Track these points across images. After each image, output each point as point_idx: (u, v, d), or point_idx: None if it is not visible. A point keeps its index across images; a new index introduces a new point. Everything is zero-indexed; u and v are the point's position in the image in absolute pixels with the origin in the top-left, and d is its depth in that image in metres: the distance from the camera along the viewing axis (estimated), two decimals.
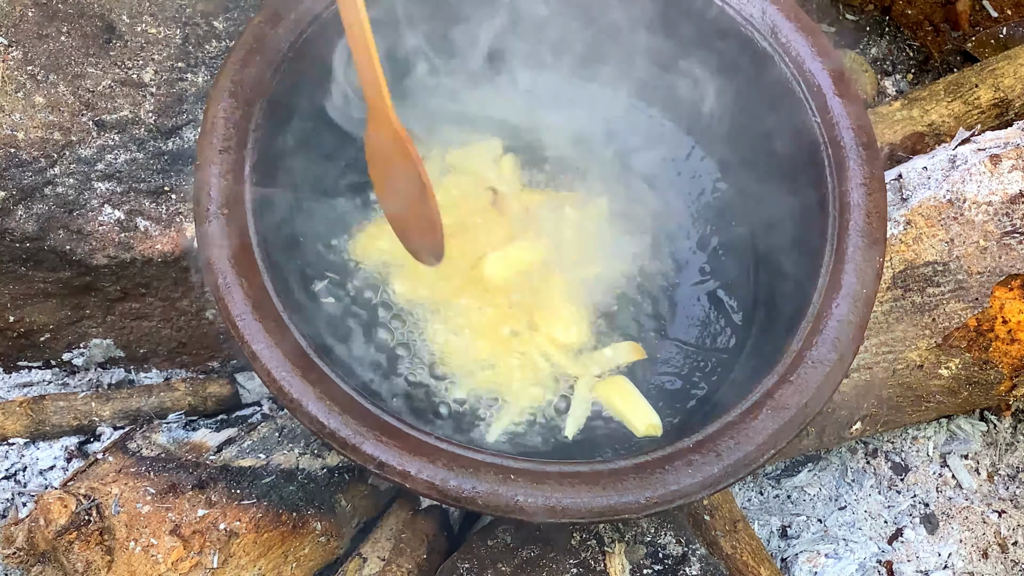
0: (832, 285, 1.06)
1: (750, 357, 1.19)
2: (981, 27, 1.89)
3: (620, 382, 1.18)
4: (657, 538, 1.16)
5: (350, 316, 1.18)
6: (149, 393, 1.34)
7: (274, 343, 0.96)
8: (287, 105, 1.13)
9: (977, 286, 1.28)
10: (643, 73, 1.33)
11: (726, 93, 1.27)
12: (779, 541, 1.44)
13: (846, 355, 1.03)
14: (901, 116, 1.54)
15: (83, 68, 1.25)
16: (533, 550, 1.12)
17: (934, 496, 1.48)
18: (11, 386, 1.38)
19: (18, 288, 1.27)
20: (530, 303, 1.20)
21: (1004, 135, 1.38)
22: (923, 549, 1.44)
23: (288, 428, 1.25)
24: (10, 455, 1.32)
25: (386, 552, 1.22)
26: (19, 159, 1.20)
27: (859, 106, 1.14)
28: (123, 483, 1.13)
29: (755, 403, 1.00)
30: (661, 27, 1.26)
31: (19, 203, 1.20)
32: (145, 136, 1.25)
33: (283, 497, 1.17)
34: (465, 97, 1.31)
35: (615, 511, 0.93)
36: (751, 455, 0.98)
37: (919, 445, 1.51)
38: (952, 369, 1.31)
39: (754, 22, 1.18)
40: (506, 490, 0.92)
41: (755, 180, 1.28)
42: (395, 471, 0.92)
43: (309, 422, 0.94)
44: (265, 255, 1.01)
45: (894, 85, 1.84)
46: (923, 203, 1.31)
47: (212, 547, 1.11)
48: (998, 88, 1.54)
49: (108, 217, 1.23)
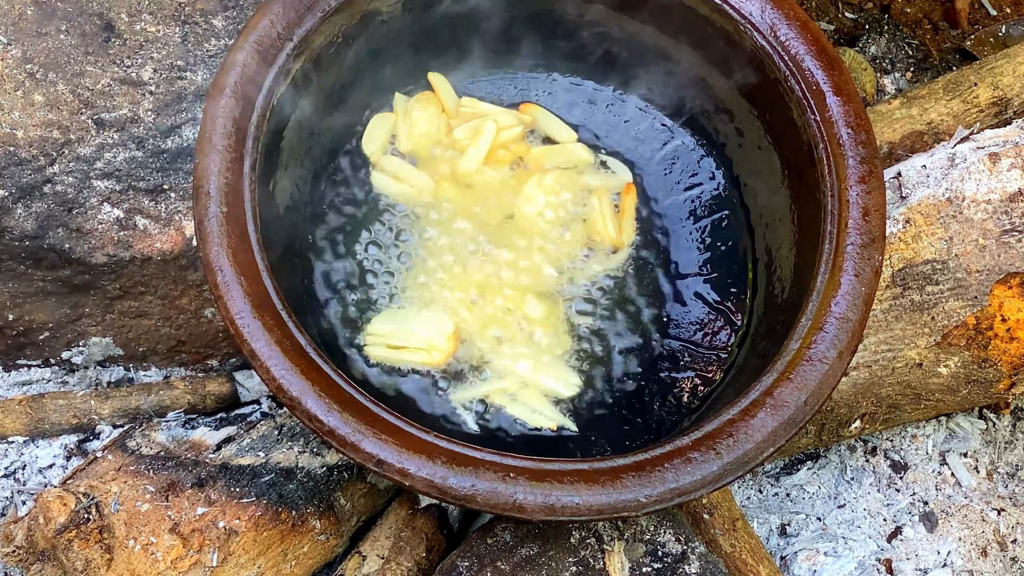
0: (831, 283, 1.06)
1: (749, 355, 1.19)
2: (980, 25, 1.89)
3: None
4: (656, 536, 1.16)
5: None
6: (148, 391, 1.34)
7: (273, 341, 0.96)
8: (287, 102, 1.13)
9: (976, 284, 1.28)
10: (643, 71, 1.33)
11: (725, 90, 1.27)
12: (778, 539, 1.44)
13: (845, 353, 1.03)
14: (900, 114, 1.54)
15: (82, 67, 1.25)
16: (532, 548, 1.12)
17: (933, 494, 1.48)
18: (10, 384, 1.38)
19: (17, 286, 1.27)
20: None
21: (1003, 133, 1.38)
22: (922, 547, 1.44)
23: (287, 426, 1.26)
24: (9, 453, 1.32)
25: (385, 550, 1.22)
26: (18, 157, 1.20)
27: (858, 104, 1.15)
28: (122, 481, 1.13)
29: (754, 401, 1.01)
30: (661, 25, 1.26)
31: (18, 201, 1.20)
32: (144, 134, 1.25)
33: (282, 495, 1.17)
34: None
35: (614, 509, 0.93)
36: (750, 453, 0.98)
37: (918, 443, 1.51)
38: (951, 367, 1.31)
39: (753, 20, 1.18)
40: (505, 488, 0.92)
41: (754, 177, 1.28)
42: (394, 469, 0.92)
43: (308, 420, 0.94)
44: (264, 253, 1.01)
45: (893, 83, 1.84)
46: (922, 201, 1.31)
47: (211, 545, 1.11)
48: (997, 87, 1.54)
49: (107, 215, 1.23)
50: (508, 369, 1.19)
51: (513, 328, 1.22)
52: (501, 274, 1.24)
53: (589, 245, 1.28)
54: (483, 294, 1.22)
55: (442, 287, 1.22)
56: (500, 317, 1.22)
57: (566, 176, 1.31)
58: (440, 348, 1.18)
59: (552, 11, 1.29)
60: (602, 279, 1.27)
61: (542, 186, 1.29)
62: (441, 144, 1.30)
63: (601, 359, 1.23)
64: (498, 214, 1.27)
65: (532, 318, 1.23)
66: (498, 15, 1.28)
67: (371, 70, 1.27)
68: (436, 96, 1.32)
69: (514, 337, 1.21)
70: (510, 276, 1.24)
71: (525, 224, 1.27)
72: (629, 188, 1.31)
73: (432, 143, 1.30)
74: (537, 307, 1.23)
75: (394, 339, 1.18)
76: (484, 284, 1.23)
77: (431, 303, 1.21)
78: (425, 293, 1.22)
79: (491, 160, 1.29)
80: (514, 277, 1.24)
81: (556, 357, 1.21)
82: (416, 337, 1.18)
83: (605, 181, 1.31)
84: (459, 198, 1.27)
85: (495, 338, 1.21)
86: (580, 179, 1.31)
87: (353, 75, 1.24)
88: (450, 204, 1.27)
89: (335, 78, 1.21)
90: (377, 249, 1.24)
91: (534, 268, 1.25)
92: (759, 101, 1.23)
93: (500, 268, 1.24)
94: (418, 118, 1.30)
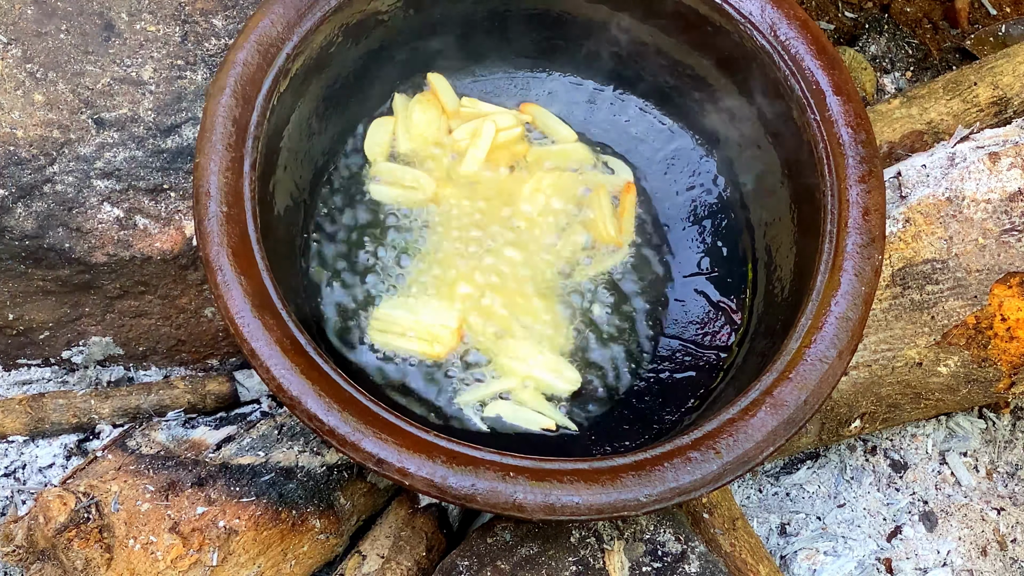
0: (831, 282, 1.06)
1: (749, 354, 1.19)
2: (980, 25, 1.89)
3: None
4: (656, 535, 1.16)
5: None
6: (148, 391, 1.34)
7: (273, 340, 0.96)
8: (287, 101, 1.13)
9: (976, 284, 1.28)
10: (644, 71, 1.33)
11: (725, 90, 1.27)
12: (778, 539, 1.44)
13: (845, 352, 1.03)
14: (900, 114, 1.54)
15: (82, 66, 1.25)
16: (532, 547, 1.12)
17: (933, 494, 1.48)
18: (10, 384, 1.38)
19: (17, 286, 1.27)
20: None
21: (1003, 133, 1.38)
22: (922, 547, 1.44)
23: (287, 426, 1.26)
24: (9, 453, 1.32)
25: (385, 549, 1.22)
26: (18, 157, 1.20)
27: (858, 104, 1.15)
28: (122, 481, 1.13)
29: (754, 400, 1.01)
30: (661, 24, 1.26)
31: (18, 201, 1.20)
32: (144, 134, 1.25)
33: (282, 495, 1.17)
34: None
35: (614, 508, 0.94)
36: (750, 452, 0.98)
37: (918, 443, 1.51)
38: (951, 367, 1.31)
39: (753, 19, 1.18)
40: (505, 488, 0.92)
41: (754, 177, 1.28)
42: (394, 468, 0.92)
43: (308, 419, 0.94)
44: (264, 253, 1.01)
45: (893, 83, 1.84)
46: (922, 201, 1.31)
47: (211, 545, 1.11)
48: (997, 86, 1.54)
49: (107, 215, 1.23)
50: (509, 368, 1.19)
51: (514, 327, 1.22)
52: (502, 273, 1.24)
53: (589, 244, 1.28)
54: (484, 293, 1.22)
55: (442, 285, 1.22)
56: (501, 316, 1.22)
57: (566, 176, 1.31)
58: (442, 341, 1.18)
59: (552, 10, 1.29)
60: (602, 278, 1.27)
61: (542, 186, 1.29)
62: (441, 145, 1.30)
63: (601, 358, 1.23)
64: (498, 214, 1.27)
65: (533, 317, 1.23)
66: (498, 15, 1.28)
67: (371, 70, 1.27)
68: (436, 96, 1.32)
69: (515, 336, 1.21)
70: (511, 275, 1.24)
71: (525, 223, 1.27)
72: (629, 187, 1.31)
73: (432, 144, 1.30)
74: (538, 306, 1.23)
75: (399, 325, 1.18)
76: (485, 283, 1.23)
77: (434, 298, 1.21)
78: (426, 291, 1.22)
79: (491, 160, 1.29)
80: (515, 276, 1.24)
81: (557, 355, 1.21)
82: (421, 325, 1.18)
83: (605, 180, 1.31)
84: (459, 198, 1.27)
85: (496, 336, 1.21)
86: (580, 179, 1.31)
87: (353, 75, 1.24)
88: (450, 204, 1.27)
89: (335, 78, 1.21)
90: (378, 248, 1.24)
91: (534, 267, 1.25)
92: (759, 101, 1.23)
93: (500, 267, 1.24)
94: (418, 119, 1.30)
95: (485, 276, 1.23)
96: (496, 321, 1.21)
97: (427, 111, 1.30)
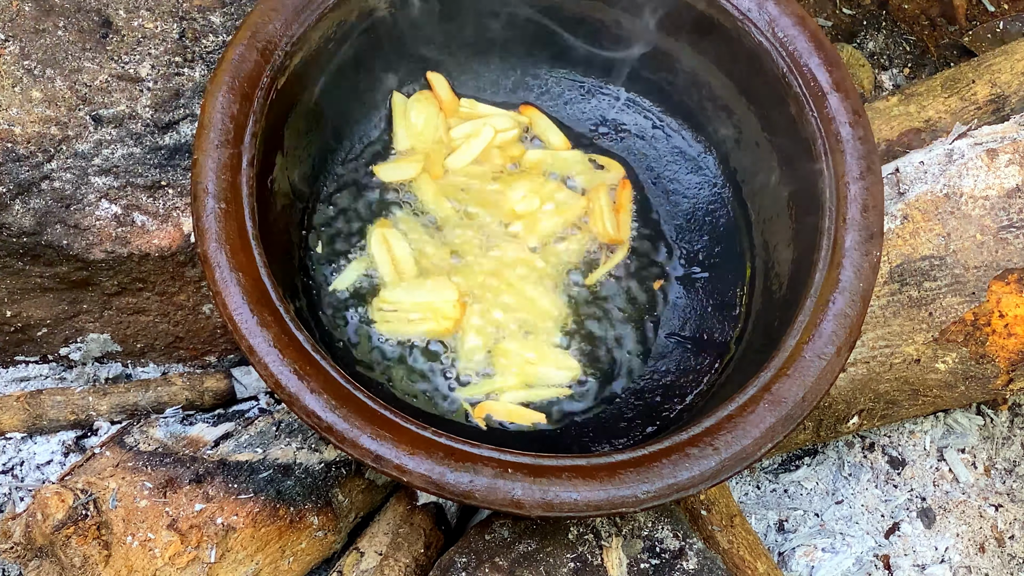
0: (829, 279, 1.06)
1: (747, 351, 1.19)
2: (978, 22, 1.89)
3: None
4: (654, 532, 1.16)
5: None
6: (146, 388, 1.34)
7: (271, 337, 0.96)
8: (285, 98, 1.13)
9: (974, 280, 1.28)
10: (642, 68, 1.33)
11: (723, 87, 1.27)
12: (776, 535, 1.44)
13: (843, 349, 1.03)
14: (898, 111, 1.54)
15: (80, 63, 1.25)
16: (530, 544, 1.12)
17: (931, 490, 1.48)
18: (8, 381, 1.38)
19: (15, 283, 1.27)
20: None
21: (1001, 129, 1.38)
22: (920, 543, 1.44)
23: (285, 422, 1.26)
24: (7, 449, 1.32)
25: (383, 546, 1.22)
26: (16, 154, 1.20)
27: (856, 101, 1.15)
28: (120, 477, 1.13)
29: (752, 397, 1.01)
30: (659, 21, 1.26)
31: (16, 198, 1.20)
32: (142, 131, 1.25)
33: (280, 491, 1.17)
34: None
35: (612, 505, 0.93)
36: (748, 449, 0.98)
37: (916, 439, 1.51)
38: (949, 363, 1.31)
39: (751, 16, 1.18)
40: (503, 484, 0.92)
41: (752, 174, 1.28)
42: (392, 465, 0.92)
43: (306, 416, 0.94)
44: (262, 249, 1.01)
45: (891, 80, 1.84)
46: (920, 197, 1.31)
47: (209, 541, 1.11)
48: (995, 83, 1.54)
49: (105, 212, 1.22)
50: (508, 365, 1.19)
51: (512, 324, 1.22)
52: (501, 272, 1.24)
53: (587, 242, 1.28)
54: (482, 292, 1.22)
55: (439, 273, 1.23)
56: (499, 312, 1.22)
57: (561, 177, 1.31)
58: (448, 315, 1.19)
59: (551, 7, 1.29)
60: (600, 275, 1.27)
61: (538, 187, 1.29)
62: (439, 144, 1.30)
63: (599, 355, 1.23)
64: (495, 213, 1.27)
65: (531, 313, 1.23)
66: (497, 12, 1.28)
67: (369, 68, 1.27)
68: (434, 95, 1.32)
69: (513, 332, 1.21)
70: (510, 274, 1.24)
71: (522, 223, 1.27)
72: (625, 184, 1.31)
73: (430, 143, 1.30)
74: (536, 303, 1.23)
75: (402, 309, 1.19)
76: (484, 283, 1.23)
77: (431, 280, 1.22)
78: (425, 277, 1.22)
79: (487, 160, 1.30)
80: (513, 275, 1.24)
81: (555, 351, 1.22)
82: (424, 305, 1.19)
83: (602, 179, 1.31)
84: (457, 198, 1.27)
85: (494, 333, 1.21)
86: (577, 179, 1.31)
87: (351, 72, 1.24)
88: (448, 204, 1.27)
89: (333, 75, 1.21)
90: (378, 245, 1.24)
91: (532, 266, 1.25)
92: (757, 98, 1.23)
93: (499, 266, 1.24)
94: (416, 118, 1.30)
95: (483, 276, 1.23)
96: (494, 318, 1.21)
97: (425, 109, 1.30)
